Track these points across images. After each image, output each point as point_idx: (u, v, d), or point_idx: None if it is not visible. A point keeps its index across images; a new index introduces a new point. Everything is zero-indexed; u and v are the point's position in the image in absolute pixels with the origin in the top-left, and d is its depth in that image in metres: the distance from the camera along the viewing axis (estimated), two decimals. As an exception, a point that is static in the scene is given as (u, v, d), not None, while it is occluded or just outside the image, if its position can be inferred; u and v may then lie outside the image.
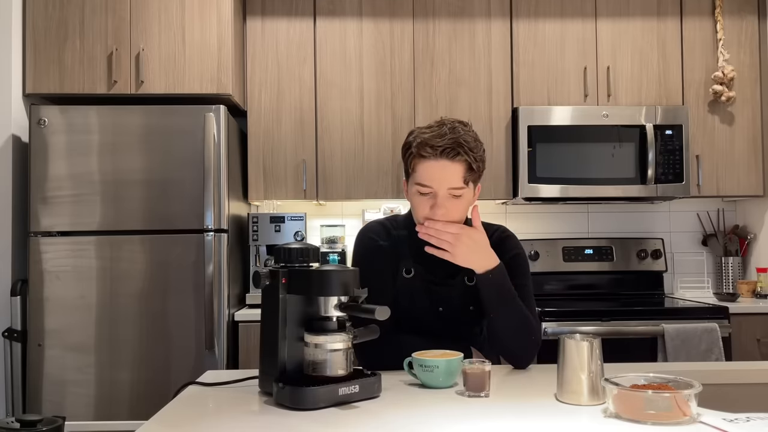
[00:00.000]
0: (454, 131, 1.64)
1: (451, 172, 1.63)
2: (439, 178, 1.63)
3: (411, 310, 1.75)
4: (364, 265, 1.64)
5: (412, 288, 1.75)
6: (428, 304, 1.76)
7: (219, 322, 2.85)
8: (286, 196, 3.33)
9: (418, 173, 1.66)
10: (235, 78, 3.13)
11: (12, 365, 2.84)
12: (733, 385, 1.63)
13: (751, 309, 3.11)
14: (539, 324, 1.78)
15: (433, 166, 1.63)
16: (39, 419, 1.52)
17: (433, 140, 1.63)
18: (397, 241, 1.78)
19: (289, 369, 1.39)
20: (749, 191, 3.44)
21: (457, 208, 1.67)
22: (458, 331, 1.77)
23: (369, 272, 1.65)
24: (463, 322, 1.79)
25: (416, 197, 1.69)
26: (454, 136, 1.63)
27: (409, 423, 1.22)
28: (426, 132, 1.66)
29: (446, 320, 1.77)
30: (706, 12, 3.45)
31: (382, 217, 1.88)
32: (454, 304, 1.77)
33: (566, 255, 3.62)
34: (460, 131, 1.64)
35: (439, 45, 3.39)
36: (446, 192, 1.64)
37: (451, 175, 1.63)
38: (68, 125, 2.86)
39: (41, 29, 3.00)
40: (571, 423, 1.21)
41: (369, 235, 1.80)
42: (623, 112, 3.33)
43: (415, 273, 1.76)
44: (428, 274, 1.76)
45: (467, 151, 1.63)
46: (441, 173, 1.63)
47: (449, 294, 1.77)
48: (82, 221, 2.85)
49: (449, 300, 1.77)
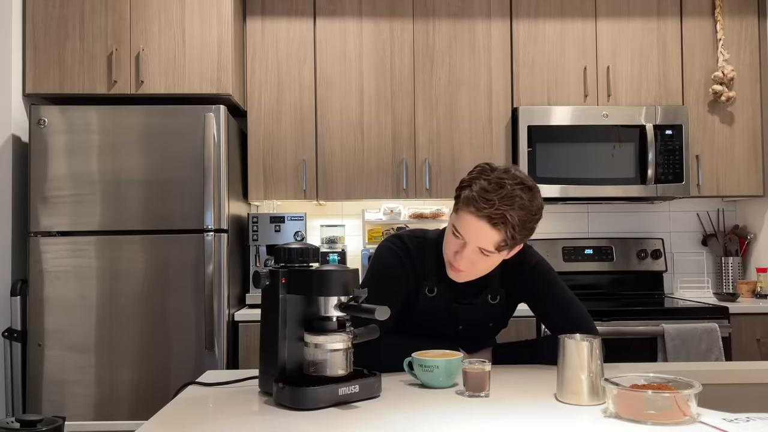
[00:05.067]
0: (506, 199, 1.53)
1: (486, 236, 1.56)
2: (473, 236, 1.57)
3: (431, 328, 1.75)
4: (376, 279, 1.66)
5: (434, 307, 1.74)
6: (449, 323, 1.76)
7: (219, 322, 2.85)
8: (286, 196, 3.33)
9: (458, 218, 1.59)
10: (235, 78, 3.13)
11: (12, 365, 2.84)
12: (733, 385, 1.63)
13: (751, 309, 3.11)
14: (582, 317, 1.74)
15: (471, 222, 1.56)
16: (39, 419, 1.52)
17: (480, 202, 1.53)
18: (422, 259, 1.74)
19: (289, 369, 1.39)
20: (749, 191, 3.44)
21: (483, 263, 1.63)
22: (474, 347, 1.77)
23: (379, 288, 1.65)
24: (481, 338, 1.81)
25: (450, 234, 1.64)
26: (504, 206, 1.52)
27: (409, 423, 1.22)
28: (482, 184, 1.55)
29: (464, 337, 1.77)
30: (706, 12, 3.45)
31: (413, 231, 1.82)
32: (475, 323, 1.78)
33: (566, 255, 3.62)
34: (514, 200, 1.53)
35: (439, 45, 3.39)
36: (476, 247, 1.59)
37: (485, 238, 1.56)
38: (68, 125, 2.86)
39: (41, 29, 3.00)
40: (571, 423, 1.21)
41: (395, 250, 1.74)
42: (623, 112, 3.33)
43: (438, 292, 1.74)
44: (451, 293, 1.74)
45: (510, 226, 1.53)
46: (476, 232, 1.56)
47: (471, 313, 1.76)
48: (82, 221, 2.85)
49: (470, 319, 1.77)
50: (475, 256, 1.60)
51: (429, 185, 3.35)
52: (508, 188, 1.54)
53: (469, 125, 3.38)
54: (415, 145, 3.36)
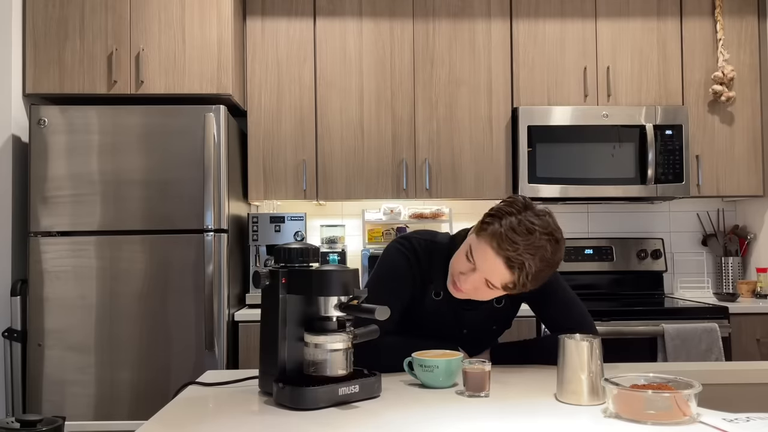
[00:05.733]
0: (531, 248, 1.50)
1: (498, 274, 1.54)
2: (485, 268, 1.56)
3: (436, 330, 1.75)
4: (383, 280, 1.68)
5: (439, 309, 1.75)
6: (454, 326, 1.77)
7: (219, 322, 2.85)
8: (286, 196, 3.33)
9: (477, 244, 1.57)
10: (235, 78, 3.13)
11: (12, 365, 2.84)
12: (733, 385, 1.63)
13: (751, 309, 3.11)
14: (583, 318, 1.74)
15: (489, 256, 1.54)
16: (39, 419, 1.52)
17: (504, 242, 1.50)
18: (429, 262, 1.74)
19: (289, 369, 1.39)
20: (749, 191, 3.44)
21: (485, 292, 1.62)
22: (477, 350, 1.78)
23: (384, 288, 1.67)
24: (485, 341, 1.81)
25: (463, 253, 1.62)
26: (527, 254, 1.50)
27: (409, 423, 1.22)
28: (512, 223, 1.52)
29: (468, 341, 1.77)
30: (706, 12, 3.45)
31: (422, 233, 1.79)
32: (479, 326, 1.79)
33: (566, 255, 3.61)
34: (538, 251, 1.51)
35: (439, 45, 3.39)
36: (483, 278, 1.58)
37: (497, 275, 1.55)
38: (68, 125, 2.86)
39: (41, 29, 3.00)
40: (571, 423, 1.21)
41: (403, 252, 1.73)
42: (623, 112, 3.33)
43: (444, 296, 1.73)
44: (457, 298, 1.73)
45: (525, 274, 1.52)
46: (490, 266, 1.54)
47: (476, 317, 1.77)
48: (82, 221, 2.85)
49: (475, 322, 1.77)
50: (480, 284, 1.59)
51: (429, 185, 3.35)
52: (536, 236, 1.51)
53: (469, 125, 3.38)
54: (415, 145, 3.36)
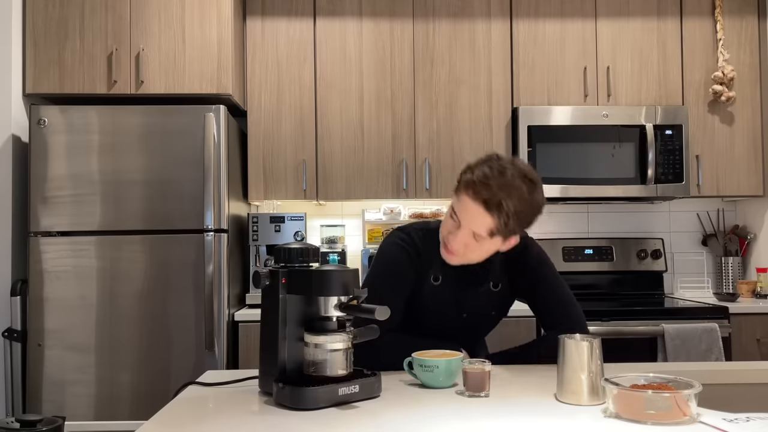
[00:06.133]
0: (505, 187, 1.53)
1: (480, 221, 1.57)
2: (468, 219, 1.59)
3: (436, 315, 1.76)
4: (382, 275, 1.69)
5: (439, 295, 1.75)
6: (453, 310, 1.77)
7: (219, 322, 2.85)
8: (286, 196, 3.33)
9: (457, 201, 1.62)
10: (235, 78, 3.13)
11: (12, 365, 2.84)
12: (733, 385, 1.63)
13: (751, 309, 3.11)
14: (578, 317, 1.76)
15: (468, 205, 1.58)
16: (39, 419, 1.52)
17: (479, 186, 1.55)
18: (427, 250, 1.75)
19: (289, 369, 1.39)
20: (749, 191, 3.44)
21: (476, 249, 1.64)
22: (477, 333, 1.78)
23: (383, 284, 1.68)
24: (484, 326, 1.82)
25: (448, 215, 1.66)
26: (502, 194, 1.53)
27: (409, 423, 1.22)
28: (484, 170, 1.56)
29: (467, 325, 1.78)
30: (706, 12, 3.45)
31: (417, 224, 1.83)
32: (478, 310, 1.79)
33: (566, 255, 3.62)
34: (512, 189, 1.54)
35: (439, 45, 3.39)
36: (469, 231, 1.60)
37: (479, 223, 1.58)
38: (68, 125, 2.86)
39: (41, 29, 3.00)
40: (571, 423, 1.21)
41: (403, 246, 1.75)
42: (623, 112, 3.33)
43: (443, 280, 1.75)
44: (456, 280, 1.75)
45: (504, 214, 1.54)
46: (471, 215, 1.58)
47: (475, 300, 1.77)
48: (82, 221, 2.85)
49: (474, 306, 1.78)
50: (468, 239, 1.61)
51: (429, 185, 3.35)
52: (508, 177, 1.55)
53: (469, 125, 3.38)
54: (415, 145, 3.36)
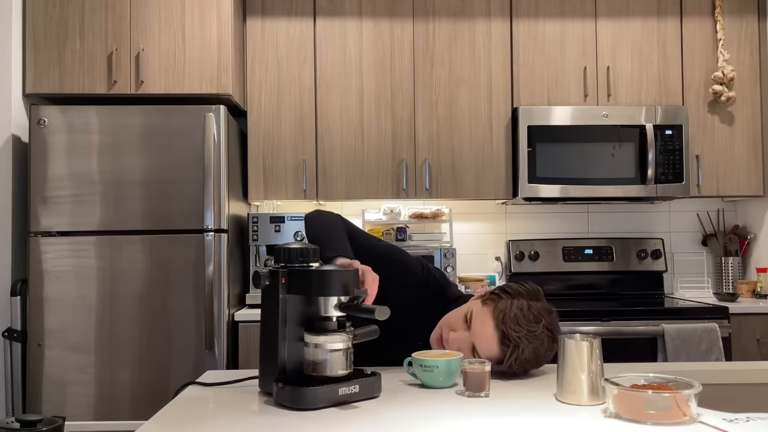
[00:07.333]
0: (531, 336, 1.51)
1: (489, 346, 1.54)
2: (478, 336, 1.55)
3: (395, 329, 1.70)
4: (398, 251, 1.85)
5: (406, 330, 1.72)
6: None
7: (219, 322, 2.85)
8: (286, 196, 3.33)
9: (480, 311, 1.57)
10: (235, 78, 3.13)
11: (12, 365, 2.84)
12: (733, 385, 1.63)
13: (751, 309, 3.11)
14: None
15: (487, 327, 1.54)
16: (39, 419, 1.52)
17: (509, 320, 1.52)
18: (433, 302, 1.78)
19: (289, 369, 1.39)
20: (749, 191, 3.44)
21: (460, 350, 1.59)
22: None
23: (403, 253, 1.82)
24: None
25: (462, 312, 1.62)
26: (525, 340, 1.51)
27: (409, 423, 1.22)
28: (522, 306, 1.54)
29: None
30: (706, 12, 3.45)
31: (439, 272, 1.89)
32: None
33: (566, 255, 3.62)
34: (535, 342, 1.52)
35: (439, 45, 3.39)
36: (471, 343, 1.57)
37: (485, 345, 1.54)
38: (68, 125, 2.86)
39: (41, 29, 3.00)
40: (571, 423, 1.21)
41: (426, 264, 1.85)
42: (623, 112, 3.33)
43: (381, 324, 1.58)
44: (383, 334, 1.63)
45: (514, 357, 1.52)
46: (484, 337, 1.54)
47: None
48: (82, 221, 2.85)
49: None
50: (466, 347, 1.58)
51: (429, 185, 3.35)
52: (540, 328, 1.53)
53: (469, 125, 3.38)
54: (415, 145, 3.36)
